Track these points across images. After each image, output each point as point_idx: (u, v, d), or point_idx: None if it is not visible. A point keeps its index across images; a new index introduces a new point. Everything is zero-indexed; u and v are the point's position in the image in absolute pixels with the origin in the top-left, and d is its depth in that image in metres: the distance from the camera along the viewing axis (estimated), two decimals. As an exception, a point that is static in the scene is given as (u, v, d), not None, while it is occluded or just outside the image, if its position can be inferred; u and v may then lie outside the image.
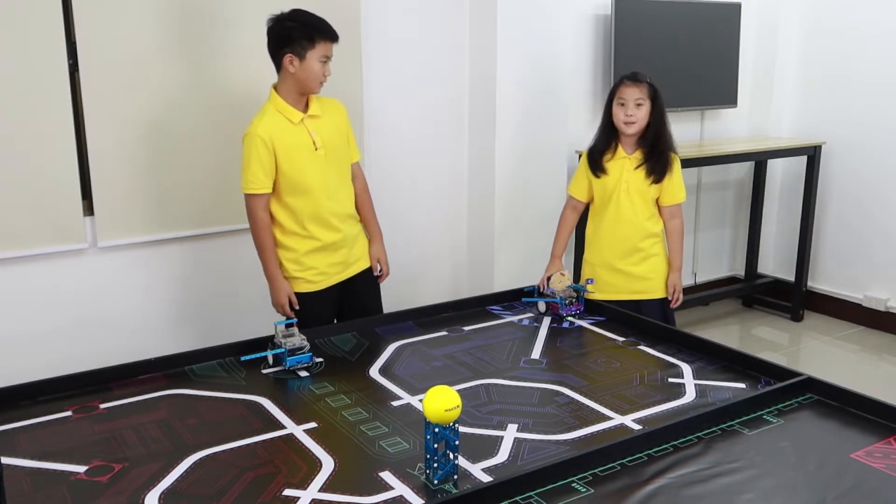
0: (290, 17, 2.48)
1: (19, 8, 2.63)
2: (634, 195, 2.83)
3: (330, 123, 2.61)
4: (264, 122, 2.50)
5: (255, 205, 2.55)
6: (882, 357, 4.15)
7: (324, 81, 2.53)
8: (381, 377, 2.16)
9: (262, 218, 2.55)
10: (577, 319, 2.61)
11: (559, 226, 3.04)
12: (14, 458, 1.71)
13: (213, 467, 1.68)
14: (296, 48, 2.45)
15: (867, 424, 1.83)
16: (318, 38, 2.45)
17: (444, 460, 1.60)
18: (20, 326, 2.83)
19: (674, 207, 2.89)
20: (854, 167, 4.48)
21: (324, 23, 2.48)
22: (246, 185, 2.54)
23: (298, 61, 2.46)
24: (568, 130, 3.86)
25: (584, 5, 4.00)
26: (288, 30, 2.45)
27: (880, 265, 4.41)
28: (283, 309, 2.60)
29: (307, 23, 2.46)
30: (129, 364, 2.15)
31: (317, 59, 2.46)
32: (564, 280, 2.69)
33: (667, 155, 2.82)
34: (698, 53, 4.32)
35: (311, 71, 2.47)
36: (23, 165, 2.72)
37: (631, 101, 2.75)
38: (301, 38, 2.44)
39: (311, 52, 2.45)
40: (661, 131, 2.80)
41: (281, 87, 2.54)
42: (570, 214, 3.03)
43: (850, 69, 4.43)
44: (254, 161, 2.49)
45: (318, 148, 2.56)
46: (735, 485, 1.58)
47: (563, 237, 3.01)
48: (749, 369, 2.17)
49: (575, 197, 2.99)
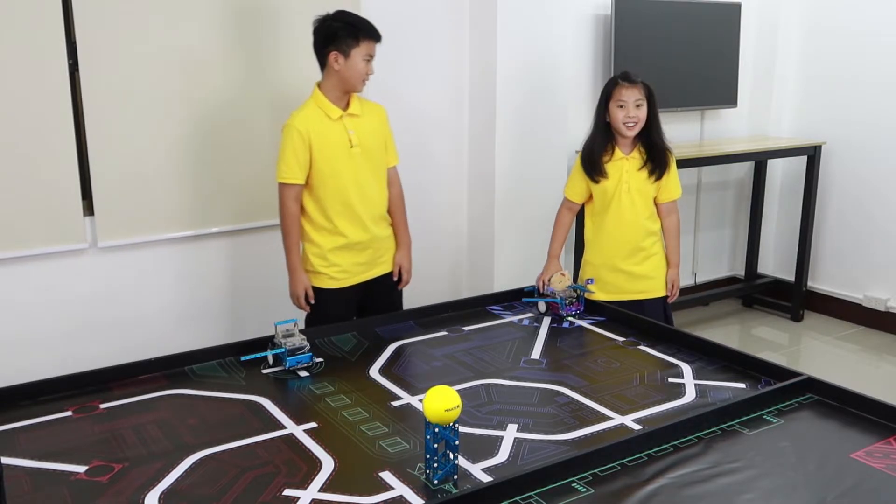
0: (336, 17, 2.56)
1: (19, 8, 2.63)
2: (635, 195, 2.82)
3: (369, 125, 2.67)
4: (302, 115, 2.58)
5: (286, 195, 2.61)
6: (882, 357, 4.15)
7: (366, 80, 2.61)
8: (381, 377, 2.16)
9: (292, 209, 2.62)
10: (577, 319, 2.61)
11: (556, 226, 3.02)
12: (14, 458, 1.71)
13: (213, 467, 1.68)
14: (341, 46, 2.53)
15: (867, 424, 1.83)
16: (362, 36, 2.54)
17: (444, 460, 1.60)
18: (20, 326, 2.83)
19: (671, 204, 2.90)
20: (854, 167, 4.48)
21: (368, 23, 2.58)
22: (280, 175, 2.61)
23: (343, 59, 2.53)
24: (568, 130, 3.86)
25: (584, 5, 4.00)
26: (334, 28, 2.53)
27: (880, 265, 4.41)
28: (299, 301, 2.63)
29: (352, 22, 2.55)
30: (129, 364, 2.15)
31: (361, 58, 2.55)
32: (564, 280, 2.69)
33: (665, 152, 2.82)
34: (698, 53, 4.32)
35: (354, 68, 2.55)
36: (23, 165, 2.72)
37: (631, 102, 2.73)
38: (346, 36, 2.52)
39: (355, 49, 2.53)
40: (658, 129, 2.81)
41: (324, 85, 2.61)
42: (566, 215, 3.01)
43: (849, 69, 4.43)
44: (289, 152, 2.57)
45: (354, 146, 2.61)
46: (735, 485, 1.58)
47: (559, 238, 3.00)
48: (749, 369, 2.17)
49: (570, 199, 2.97)
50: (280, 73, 3.16)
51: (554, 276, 2.71)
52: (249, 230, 3.24)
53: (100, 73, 2.80)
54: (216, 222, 3.14)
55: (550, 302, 2.64)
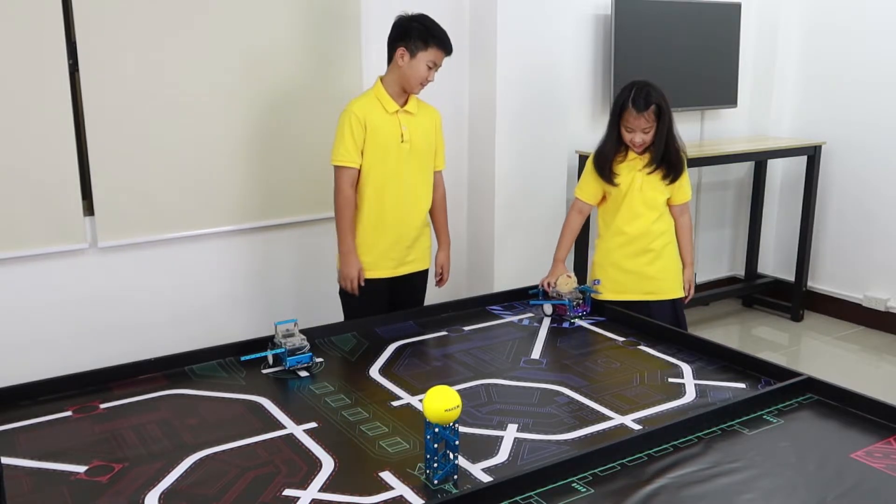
0: (415, 18, 2.65)
1: (19, 8, 2.63)
2: (648, 195, 2.79)
3: (421, 125, 2.74)
4: (361, 103, 2.67)
5: (342, 178, 2.67)
6: (882, 357, 4.15)
7: (425, 84, 2.68)
8: (381, 377, 2.16)
9: (347, 192, 2.66)
10: (577, 319, 2.61)
11: (564, 229, 2.97)
12: (14, 458, 1.71)
13: (213, 467, 1.68)
14: (409, 45, 2.60)
15: (867, 424, 1.83)
16: (432, 43, 2.61)
17: (444, 460, 1.60)
18: (20, 326, 2.83)
19: (683, 205, 2.88)
20: (854, 167, 4.48)
21: (443, 33, 2.64)
22: (337, 158, 2.66)
23: (409, 57, 2.61)
24: (568, 130, 3.86)
25: (584, 5, 4.00)
26: (409, 27, 2.62)
27: (880, 265, 4.41)
28: (352, 283, 2.67)
29: (428, 27, 2.62)
30: (129, 364, 2.15)
31: (424, 62, 2.62)
32: (571, 282, 2.68)
33: (677, 158, 2.77)
34: (698, 53, 4.32)
35: (416, 70, 2.62)
36: (23, 165, 2.72)
37: (638, 130, 2.70)
38: (417, 37, 2.60)
39: (422, 52, 2.61)
40: (670, 141, 2.75)
41: (386, 79, 2.69)
42: (576, 218, 2.96)
43: (850, 69, 4.43)
44: (347, 136, 2.63)
45: (405, 141, 2.68)
46: (735, 485, 1.58)
47: (567, 241, 2.95)
48: (749, 369, 2.17)
49: (582, 199, 2.92)
50: (279, 72, 3.16)
51: (560, 278, 2.69)
52: (250, 230, 3.24)
53: (100, 73, 2.80)
54: (216, 222, 3.14)
55: (557, 304, 2.63)
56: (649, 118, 2.68)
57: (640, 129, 2.70)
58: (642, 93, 2.68)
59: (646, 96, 2.67)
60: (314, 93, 3.24)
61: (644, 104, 2.66)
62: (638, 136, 2.71)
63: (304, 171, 3.28)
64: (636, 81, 2.73)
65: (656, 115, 2.69)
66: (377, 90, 2.69)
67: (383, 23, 3.39)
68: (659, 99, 2.69)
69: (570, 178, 3.98)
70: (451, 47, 2.67)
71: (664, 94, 2.71)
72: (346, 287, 2.71)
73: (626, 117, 2.70)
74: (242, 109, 3.11)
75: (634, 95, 2.68)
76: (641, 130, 2.70)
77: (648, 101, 2.67)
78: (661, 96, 2.70)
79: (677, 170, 2.78)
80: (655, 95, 2.68)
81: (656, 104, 2.68)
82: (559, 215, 3.88)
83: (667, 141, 2.73)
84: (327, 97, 3.27)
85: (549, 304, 2.64)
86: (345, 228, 2.68)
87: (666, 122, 2.71)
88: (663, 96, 2.71)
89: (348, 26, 3.28)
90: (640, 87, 2.69)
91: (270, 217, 3.26)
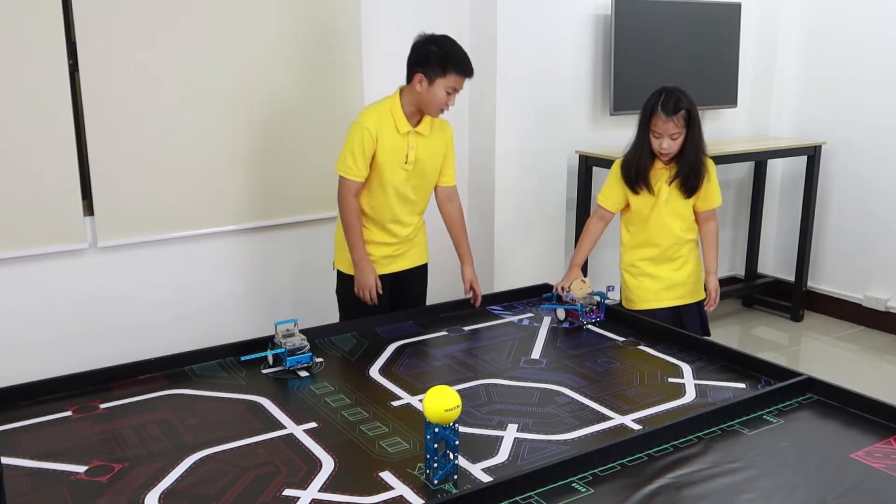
0: (434, 41, 2.54)
1: (19, 8, 2.63)
2: (676, 204, 2.73)
3: (430, 145, 2.67)
4: (375, 117, 2.58)
5: (346, 189, 2.61)
6: (882, 357, 4.15)
7: (444, 110, 2.60)
8: (381, 377, 2.16)
9: (352, 203, 2.61)
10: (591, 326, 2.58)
11: (584, 235, 2.89)
12: (14, 458, 1.71)
13: (213, 467, 1.68)
14: (428, 71, 2.51)
15: (867, 424, 1.83)
16: (450, 69, 2.51)
17: (444, 460, 1.60)
18: (20, 326, 2.83)
19: (709, 212, 2.79)
20: (854, 167, 4.47)
21: (463, 57, 2.54)
22: (344, 169, 2.60)
23: (427, 84, 2.52)
24: (568, 130, 3.86)
25: (584, 5, 4.00)
26: (427, 52, 2.52)
27: (880, 265, 4.41)
28: (371, 292, 2.59)
29: (447, 52, 2.52)
30: (129, 364, 2.15)
31: (443, 88, 2.53)
32: (585, 287, 2.64)
33: (701, 166, 2.69)
34: (698, 53, 4.32)
35: (434, 96, 2.53)
36: (23, 165, 2.72)
37: (666, 135, 2.62)
38: (435, 64, 2.50)
39: (440, 79, 2.51)
40: (696, 148, 2.67)
41: (404, 95, 2.60)
42: (597, 224, 2.87)
43: (850, 69, 4.42)
44: (357, 148, 2.56)
45: (409, 162, 2.62)
46: (735, 485, 1.58)
47: (586, 247, 2.88)
48: (749, 369, 2.17)
49: (605, 207, 2.84)
50: (278, 72, 3.16)
51: (574, 283, 2.65)
52: (250, 230, 3.24)
53: (100, 73, 2.80)
54: (216, 222, 3.14)
55: (570, 309, 2.59)
56: (678, 123, 2.61)
57: (669, 135, 2.62)
58: (672, 97, 2.62)
59: (676, 101, 2.61)
60: (313, 93, 3.24)
61: (674, 108, 2.60)
62: (666, 142, 2.63)
63: (304, 170, 3.28)
64: (666, 86, 2.67)
65: (686, 120, 2.62)
66: (393, 105, 2.60)
67: (383, 23, 3.41)
68: (689, 105, 2.63)
69: (570, 178, 3.98)
70: (471, 71, 2.57)
71: (693, 101, 2.66)
72: (363, 297, 2.62)
73: (655, 121, 2.63)
74: (242, 109, 3.11)
75: (664, 100, 2.62)
76: (669, 136, 2.62)
77: (678, 106, 2.61)
78: (691, 102, 2.64)
79: (699, 180, 2.70)
80: (686, 101, 2.63)
81: (686, 110, 2.62)
82: (559, 215, 3.89)
83: (695, 154, 2.66)
84: (326, 98, 3.27)
85: (562, 309, 2.60)
86: (354, 238, 2.61)
87: (696, 130, 2.65)
88: (693, 103, 2.65)
89: (348, 27, 3.28)
90: (671, 92, 2.63)
91: (270, 217, 3.26)
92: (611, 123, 4.19)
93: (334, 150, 3.33)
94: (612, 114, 4.05)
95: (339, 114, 3.29)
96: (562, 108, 3.79)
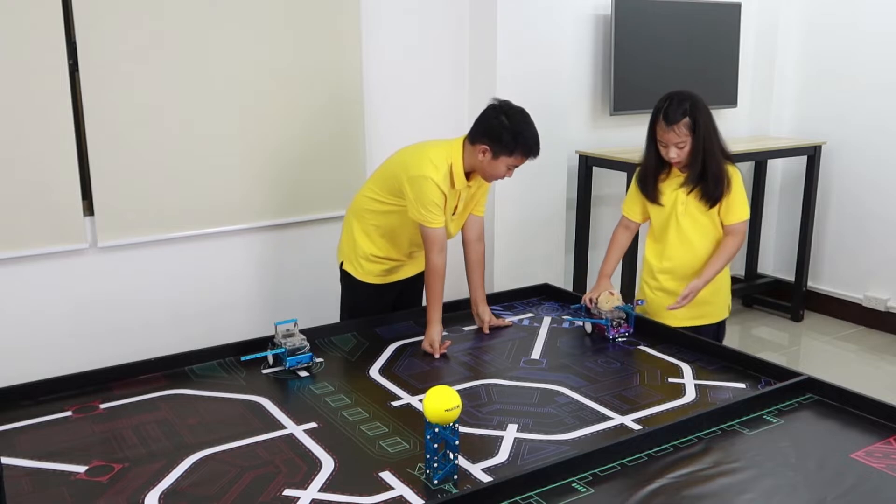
0: (508, 115, 2.43)
1: (19, 8, 2.63)
2: (697, 215, 2.57)
3: (472, 190, 2.60)
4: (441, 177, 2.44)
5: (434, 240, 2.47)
6: (882, 357, 4.15)
7: (499, 180, 2.54)
8: (381, 377, 2.16)
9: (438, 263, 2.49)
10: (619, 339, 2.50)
11: (611, 244, 2.76)
12: (14, 458, 1.71)
13: (213, 467, 1.68)
14: (494, 146, 2.42)
15: (867, 424, 1.83)
16: (518, 152, 2.43)
17: (444, 460, 1.60)
18: (20, 326, 2.83)
19: (732, 225, 2.60)
20: (854, 167, 4.47)
21: (532, 139, 2.44)
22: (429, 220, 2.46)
23: (490, 157, 2.44)
24: (568, 130, 3.86)
25: (584, 5, 4.00)
26: (498, 129, 2.41)
27: (880, 265, 4.40)
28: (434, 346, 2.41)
29: (519, 132, 2.41)
30: (129, 364, 2.16)
31: (505, 165, 2.46)
32: (612, 300, 2.52)
33: (721, 174, 2.53)
34: (698, 53, 4.32)
35: (495, 169, 2.46)
36: (23, 165, 2.72)
37: (671, 144, 2.48)
38: (504, 142, 2.41)
39: (504, 157, 2.43)
40: (708, 156, 2.50)
41: (466, 152, 2.49)
42: (622, 234, 2.75)
43: (849, 69, 4.42)
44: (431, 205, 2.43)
45: (455, 214, 2.58)
46: (735, 485, 1.59)
47: (613, 257, 2.74)
48: (749, 369, 2.17)
49: (628, 217, 2.72)
50: (278, 72, 3.16)
51: (602, 296, 2.53)
52: (249, 230, 3.23)
53: (100, 73, 2.80)
54: (216, 222, 3.14)
55: (596, 323, 2.50)
56: (680, 132, 2.46)
57: (673, 144, 2.48)
58: (674, 104, 2.47)
59: (677, 109, 2.45)
60: (313, 93, 3.24)
61: (674, 117, 2.45)
62: (672, 151, 2.49)
63: (305, 171, 3.28)
64: (674, 92, 2.53)
65: (690, 129, 2.46)
66: (455, 162, 2.47)
67: (383, 23, 3.41)
68: (693, 111, 2.46)
69: (569, 178, 3.98)
70: (538, 151, 2.47)
71: (701, 106, 2.49)
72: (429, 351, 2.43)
73: (658, 130, 2.51)
74: (242, 110, 3.11)
75: (667, 107, 2.48)
76: (674, 145, 2.48)
77: (680, 114, 2.45)
78: (696, 108, 2.47)
79: (719, 189, 2.53)
80: (689, 107, 2.46)
81: (690, 117, 2.45)
82: (559, 215, 3.89)
83: (705, 157, 2.50)
84: (326, 98, 3.27)
85: (589, 323, 2.51)
86: (433, 298, 2.48)
87: (702, 137, 2.47)
88: (699, 108, 2.48)
89: (348, 26, 3.28)
90: (674, 98, 2.49)
91: (270, 217, 3.26)
92: (611, 123, 4.19)
93: (334, 150, 3.35)
94: (612, 114, 4.05)
95: (338, 114, 3.29)
96: (562, 108, 3.79)
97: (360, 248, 2.65)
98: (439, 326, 2.44)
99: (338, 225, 2.89)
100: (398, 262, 2.69)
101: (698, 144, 2.48)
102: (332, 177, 3.34)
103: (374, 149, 3.43)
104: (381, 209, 2.58)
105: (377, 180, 2.62)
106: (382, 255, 2.64)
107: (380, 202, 2.58)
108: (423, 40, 3.54)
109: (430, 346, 2.37)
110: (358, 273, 2.67)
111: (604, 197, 4.25)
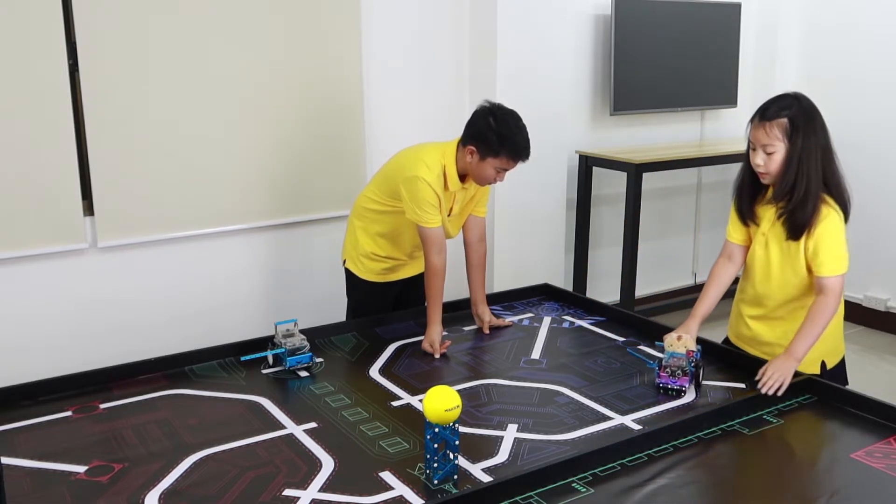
0: (496, 117, 2.40)
1: (19, 8, 2.63)
2: (774, 249, 2.17)
3: (470, 193, 2.59)
4: (434, 178, 2.43)
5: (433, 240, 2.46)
6: (882, 357, 4.15)
7: (491, 184, 2.51)
8: (381, 377, 2.16)
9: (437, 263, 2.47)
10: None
11: (708, 278, 2.34)
12: (14, 458, 1.71)
13: (213, 467, 1.68)
14: (480, 147, 2.40)
15: (867, 424, 1.83)
16: (504, 154, 2.40)
17: (444, 460, 1.60)
18: (20, 326, 2.83)
19: (824, 279, 2.06)
20: (854, 167, 4.43)
21: (519, 142, 2.40)
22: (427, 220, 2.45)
23: (478, 159, 2.42)
24: (568, 130, 3.86)
25: (584, 5, 4.00)
26: (485, 129, 2.39)
27: (880, 265, 4.40)
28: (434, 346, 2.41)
29: (504, 135, 2.38)
30: (129, 364, 2.15)
31: (493, 167, 2.43)
32: (677, 345, 2.09)
33: (808, 199, 2.06)
34: (698, 53, 4.32)
35: (483, 171, 2.44)
36: (23, 165, 2.72)
37: (758, 146, 2.10)
38: (490, 144, 2.39)
39: (491, 159, 2.41)
40: (801, 175, 2.06)
41: (459, 154, 2.47)
42: (722, 264, 2.30)
43: (850, 69, 4.42)
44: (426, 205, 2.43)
45: (451, 215, 2.57)
46: (735, 485, 1.59)
47: (709, 294, 2.29)
48: (749, 369, 2.17)
49: (729, 240, 2.30)
50: (278, 72, 3.16)
51: (670, 337, 2.12)
52: (249, 230, 3.24)
53: (100, 73, 2.80)
54: (216, 222, 3.14)
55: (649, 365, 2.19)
56: (771, 133, 2.06)
57: (762, 146, 2.08)
58: (778, 100, 2.11)
59: (779, 105, 2.09)
60: (313, 92, 3.24)
61: (771, 113, 2.08)
62: (759, 156, 2.10)
63: (304, 171, 3.28)
64: (789, 92, 2.17)
65: (786, 132, 2.06)
66: (448, 164, 2.45)
67: (383, 23, 3.41)
68: (797, 114, 2.07)
69: (570, 178, 3.98)
70: (526, 156, 2.43)
71: (810, 114, 2.10)
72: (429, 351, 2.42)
73: (750, 131, 2.14)
74: (242, 109, 3.11)
75: (769, 102, 2.12)
76: (762, 148, 2.08)
77: (779, 111, 2.07)
78: (802, 113, 2.08)
79: (801, 223, 2.07)
80: (793, 108, 2.08)
81: (789, 118, 2.06)
82: (559, 215, 3.89)
83: (797, 175, 2.06)
84: (327, 98, 3.27)
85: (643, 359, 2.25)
86: (433, 298, 2.48)
87: (799, 148, 2.05)
88: (807, 114, 2.09)
89: (348, 27, 3.28)
90: (782, 96, 2.13)
91: (270, 217, 3.26)
92: (611, 123, 4.19)
93: (334, 150, 3.35)
94: (612, 114, 4.05)
95: (339, 114, 3.30)
96: (562, 108, 3.79)
97: (362, 247, 2.65)
98: (439, 326, 2.44)
99: (338, 225, 2.90)
100: (399, 262, 2.69)
101: (793, 156, 2.06)
102: (332, 177, 3.34)
103: (374, 149, 3.43)
104: (381, 210, 2.59)
105: (377, 182, 2.62)
106: (384, 254, 2.65)
107: (380, 203, 2.58)
108: (424, 40, 3.54)
109: (430, 346, 2.37)
110: (359, 271, 2.67)
111: (604, 197, 4.25)
